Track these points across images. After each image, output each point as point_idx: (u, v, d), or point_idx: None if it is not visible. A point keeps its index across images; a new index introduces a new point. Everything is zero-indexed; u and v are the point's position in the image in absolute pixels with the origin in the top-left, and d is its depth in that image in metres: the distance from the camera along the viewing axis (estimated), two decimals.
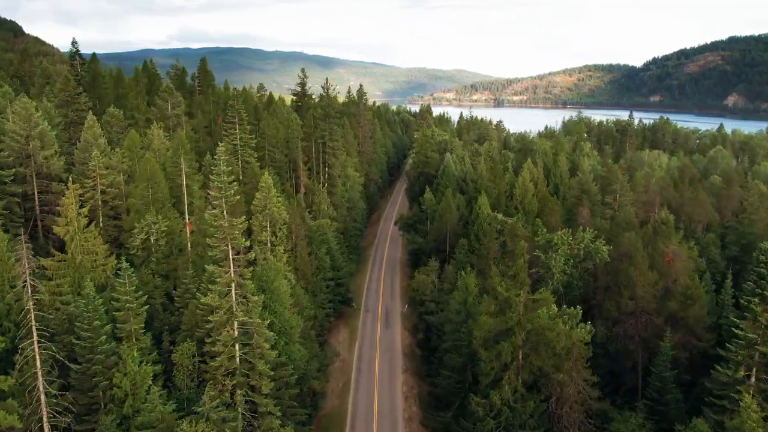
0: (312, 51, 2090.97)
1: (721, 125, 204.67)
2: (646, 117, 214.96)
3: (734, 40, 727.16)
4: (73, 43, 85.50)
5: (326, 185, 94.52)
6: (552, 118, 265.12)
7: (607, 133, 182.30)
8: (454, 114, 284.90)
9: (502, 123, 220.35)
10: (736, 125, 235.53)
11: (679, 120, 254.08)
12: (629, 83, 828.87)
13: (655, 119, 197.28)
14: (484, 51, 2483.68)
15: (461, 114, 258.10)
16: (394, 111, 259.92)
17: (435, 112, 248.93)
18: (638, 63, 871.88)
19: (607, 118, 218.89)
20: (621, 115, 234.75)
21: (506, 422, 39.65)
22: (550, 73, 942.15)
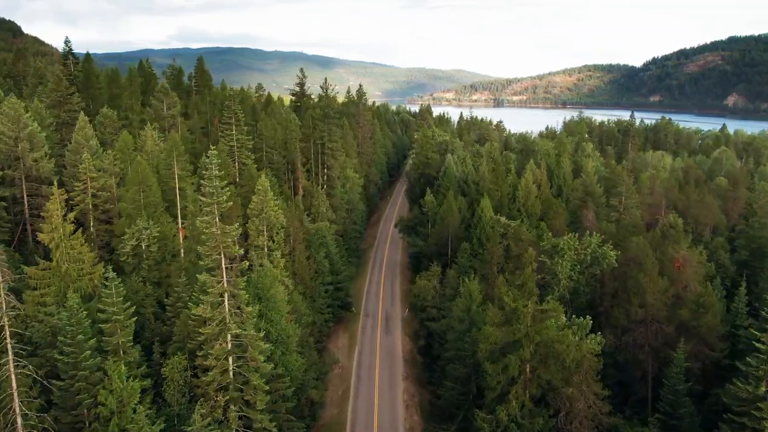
0: (311, 51, 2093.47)
1: (724, 125, 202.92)
2: (647, 117, 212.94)
3: (734, 40, 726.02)
4: (66, 42, 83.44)
5: (325, 187, 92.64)
6: (552, 119, 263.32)
7: (609, 134, 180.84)
8: (454, 114, 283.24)
9: (503, 123, 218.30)
10: (737, 125, 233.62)
11: (680, 120, 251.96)
12: (629, 83, 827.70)
13: (656, 119, 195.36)
14: (484, 51, 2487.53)
15: (461, 114, 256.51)
16: (394, 111, 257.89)
17: (435, 112, 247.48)
18: (638, 63, 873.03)
19: (608, 119, 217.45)
20: (621, 115, 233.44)
21: None
22: (550, 73, 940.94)
